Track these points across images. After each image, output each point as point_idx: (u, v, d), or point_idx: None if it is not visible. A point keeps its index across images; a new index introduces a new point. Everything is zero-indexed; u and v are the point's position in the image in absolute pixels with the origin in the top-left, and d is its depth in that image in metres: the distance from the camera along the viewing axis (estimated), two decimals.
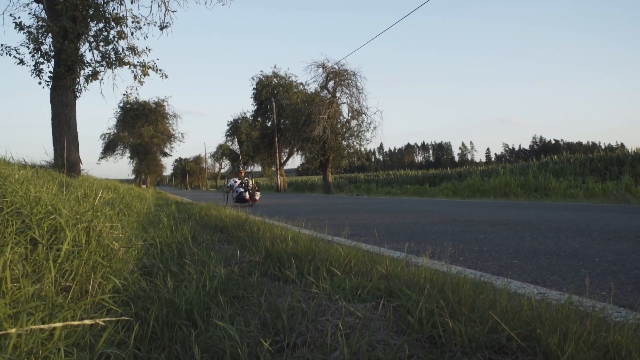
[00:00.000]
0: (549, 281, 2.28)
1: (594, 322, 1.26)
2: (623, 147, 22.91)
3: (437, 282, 1.83)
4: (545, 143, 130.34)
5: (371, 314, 1.64)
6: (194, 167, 78.30)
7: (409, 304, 1.66)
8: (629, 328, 1.18)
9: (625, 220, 5.03)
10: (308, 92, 28.77)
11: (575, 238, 3.79)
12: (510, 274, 2.46)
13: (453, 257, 3.04)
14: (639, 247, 3.27)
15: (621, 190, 11.59)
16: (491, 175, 18.56)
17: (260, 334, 1.52)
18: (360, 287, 1.92)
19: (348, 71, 26.32)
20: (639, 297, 1.92)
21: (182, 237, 3.47)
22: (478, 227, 4.85)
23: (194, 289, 2.00)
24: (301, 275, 2.25)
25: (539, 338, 1.25)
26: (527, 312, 1.38)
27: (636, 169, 17.23)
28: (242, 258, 2.84)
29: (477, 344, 1.32)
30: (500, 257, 3.06)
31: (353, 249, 2.69)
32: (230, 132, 43.26)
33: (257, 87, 37.48)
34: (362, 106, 26.56)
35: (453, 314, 1.47)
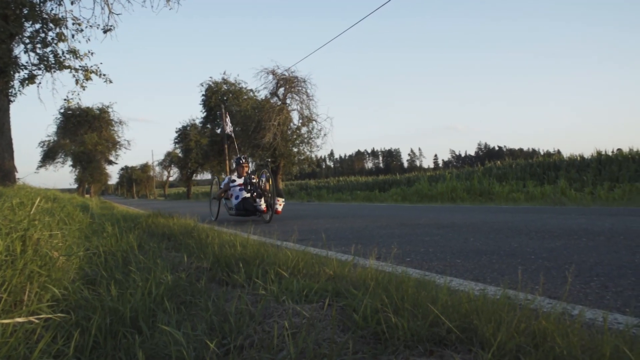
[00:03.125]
0: (489, 278, 2.38)
1: (525, 312, 1.33)
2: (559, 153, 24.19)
3: (382, 281, 1.88)
4: (490, 149, 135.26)
5: (318, 313, 1.66)
6: (141, 175, 76.11)
7: (355, 303, 1.69)
8: (555, 316, 1.26)
9: (560, 221, 5.30)
10: (258, 98, 28.68)
11: (515, 238, 3.96)
12: (453, 273, 2.55)
13: (400, 258, 3.12)
14: (570, 244, 3.46)
15: (557, 193, 12.20)
16: (438, 181, 19.10)
17: (207, 338, 1.51)
18: (307, 288, 1.94)
19: (298, 78, 26.46)
20: (563, 287, 2.04)
21: (127, 246, 3.38)
22: (424, 230, 4.98)
23: (139, 296, 1.96)
24: (249, 279, 2.25)
25: (475, 329, 1.31)
26: (466, 306, 1.44)
27: (570, 174, 18.21)
28: (189, 264, 2.80)
29: (419, 337, 1.36)
30: (445, 257, 3.16)
31: (302, 252, 2.72)
32: (178, 139, 42.42)
33: (206, 94, 37.02)
34: (312, 113, 26.71)
35: (397, 310, 1.52)
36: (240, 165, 8.19)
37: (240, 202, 7.73)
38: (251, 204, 7.41)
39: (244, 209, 7.62)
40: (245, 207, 7.58)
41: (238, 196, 7.85)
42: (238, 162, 8.23)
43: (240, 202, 7.74)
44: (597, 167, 18.43)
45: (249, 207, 7.50)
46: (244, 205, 7.61)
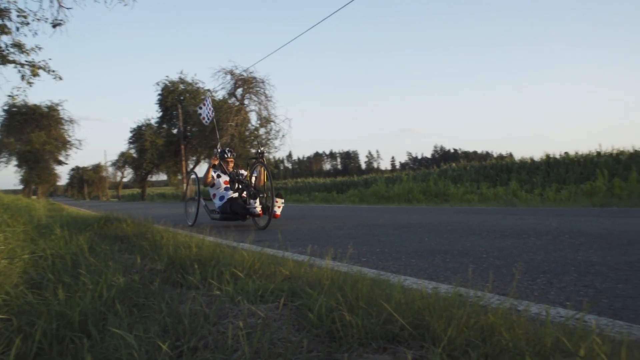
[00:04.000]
0: (442, 276, 2.44)
1: (475, 309, 1.37)
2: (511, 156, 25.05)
3: (338, 280, 1.89)
4: (445, 152, 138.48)
5: (273, 313, 1.66)
6: (94, 176, 73.62)
7: (311, 303, 1.69)
8: (502, 311, 1.31)
9: (511, 221, 5.49)
10: (216, 99, 28.32)
11: (468, 238, 4.07)
12: (408, 272, 2.59)
13: (356, 258, 3.15)
14: (519, 243, 3.59)
15: (509, 194, 12.63)
16: (395, 182, 19.40)
17: (160, 340, 1.48)
18: (263, 288, 1.93)
19: (257, 78, 26.32)
20: (516, 286, 2.12)
21: (77, 248, 3.27)
22: (381, 230, 5.05)
23: (88, 299, 1.90)
24: (205, 281, 2.22)
25: (428, 325, 1.34)
26: (419, 303, 1.47)
27: (521, 176, 18.88)
28: (143, 266, 2.74)
29: (373, 335, 1.38)
30: (400, 257, 3.22)
31: (258, 253, 2.70)
32: (133, 139, 41.33)
33: (162, 93, 36.24)
34: (270, 114, 26.62)
35: (351, 308, 1.53)
36: (224, 159, 7.06)
37: (225, 204, 6.65)
38: (242, 205, 6.34)
39: (232, 211, 6.47)
40: (234, 210, 6.43)
41: (223, 196, 6.76)
42: (222, 156, 7.06)
43: (225, 203, 6.66)
44: (546, 169, 19.21)
45: (239, 210, 6.36)
46: (231, 208, 6.48)
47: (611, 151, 18.10)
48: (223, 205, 6.69)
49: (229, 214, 6.57)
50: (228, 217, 6.63)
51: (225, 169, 6.99)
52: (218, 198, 6.84)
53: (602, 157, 17.84)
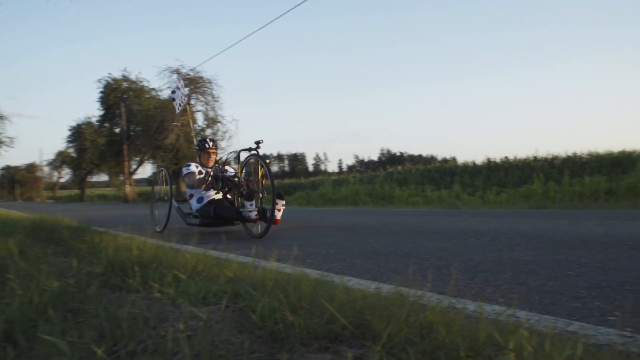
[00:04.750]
0: (385, 277, 2.49)
1: (415, 307, 1.41)
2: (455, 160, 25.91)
3: (282, 281, 1.89)
4: (392, 155, 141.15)
5: (216, 315, 1.64)
6: (27, 176, 69.92)
7: (254, 304, 1.68)
8: (440, 309, 1.35)
9: (452, 223, 5.67)
10: (161, 98, 27.63)
11: (411, 239, 4.17)
12: (352, 273, 2.63)
13: (301, 260, 3.16)
14: (460, 244, 3.71)
15: (452, 197, 13.04)
16: (342, 185, 19.59)
17: (95, 345, 1.42)
18: (206, 290, 1.90)
19: (204, 78, 25.91)
20: (455, 285, 2.19)
21: (5, 252, 3.10)
22: (327, 232, 5.08)
23: (17, 305, 1.80)
24: (145, 284, 2.16)
25: (369, 324, 1.36)
26: (361, 303, 1.49)
27: (464, 179, 19.54)
28: (80, 270, 2.62)
29: (315, 335, 1.39)
30: (345, 258, 3.25)
31: (202, 255, 2.66)
32: (72, 138, 39.62)
33: (104, 91, 34.96)
34: (217, 114, 26.26)
35: (294, 309, 1.53)
36: (205, 151, 5.84)
37: (206, 207, 5.49)
38: (229, 209, 5.22)
39: (217, 216, 5.31)
40: (219, 214, 5.28)
41: (202, 197, 5.64)
42: (202, 146, 5.88)
43: (206, 206, 5.51)
44: (487, 173, 19.99)
45: (226, 214, 5.23)
46: (215, 211, 5.30)
47: (546, 156, 19.09)
48: (203, 208, 5.55)
49: (211, 219, 5.44)
50: (211, 223, 5.52)
51: (204, 162, 5.88)
52: (196, 199, 5.67)
53: (539, 162, 18.78)
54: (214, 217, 5.38)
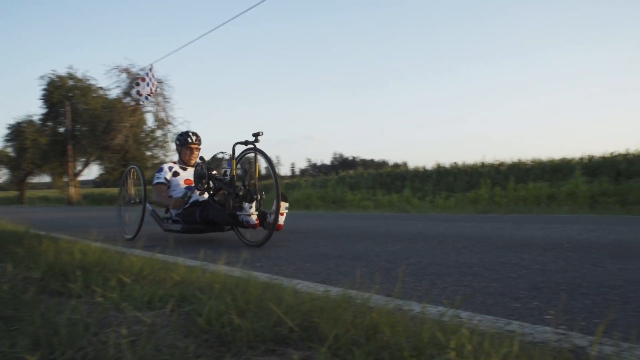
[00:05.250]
0: (334, 280, 2.50)
1: (361, 309, 1.43)
2: (406, 165, 26.45)
3: (230, 285, 1.87)
4: (344, 159, 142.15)
5: (161, 320, 1.60)
6: None
7: (201, 307, 1.66)
8: (387, 310, 1.37)
9: (402, 226, 5.78)
10: (109, 97, 26.78)
11: (361, 242, 4.22)
12: (302, 276, 2.63)
13: (251, 263, 3.13)
14: (409, 247, 3.79)
15: (403, 201, 13.31)
16: (295, 188, 19.60)
17: (29, 353, 1.36)
18: (151, 294, 1.85)
19: None
20: (402, 287, 2.23)
21: None
22: (277, 235, 5.06)
23: None
24: (88, 288, 2.08)
25: (316, 326, 1.37)
26: (308, 305, 1.50)
27: (414, 184, 19.97)
28: (15, 275, 2.50)
29: (263, 338, 1.38)
30: (295, 261, 3.25)
31: (148, 258, 2.60)
32: (10, 136, 37.73)
33: (48, 88, 33.51)
34: (168, 116, 25.71)
35: (241, 312, 1.52)
36: (187, 146, 5.13)
37: (188, 209, 4.78)
38: (222, 212, 4.40)
39: (204, 220, 4.55)
40: (208, 217, 4.50)
41: (180, 193, 4.92)
42: (184, 140, 5.14)
43: (188, 208, 4.79)
44: (437, 178, 20.53)
45: (217, 217, 4.45)
46: (203, 215, 4.54)
47: (493, 162, 19.80)
48: (186, 211, 4.82)
49: (197, 225, 4.64)
50: (196, 229, 4.68)
51: (186, 159, 5.18)
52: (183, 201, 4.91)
53: (486, 168, 19.45)
54: (200, 222, 4.59)
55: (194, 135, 5.18)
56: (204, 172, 4.65)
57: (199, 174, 4.68)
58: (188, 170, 5.20)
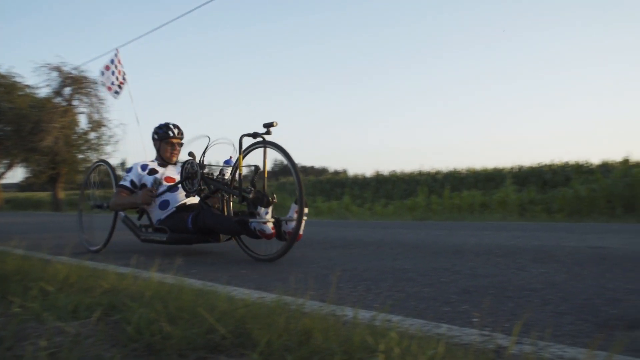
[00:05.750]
0: (271, 286, 2.49)
1: (295, 314, 1.43)
2: (346, 172, 26.78)
3: (161, 292, 1.82)
4: (284, 166, 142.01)
5: (87, 330, 1.53)
6: None
7: (130, 315, 1.60)
8: (320, 316, 1.38)
9: (340, 233, 5.85)
10: (37, 96, 25.35)
11: (298, 249, 4.22)
12: (238, 283, 2.60)
13: (185, 270, 3.05)
14: (346, 253, 3.84)
15: (342, 208, 13.46)
16: None
17: None
18: (77, 303, 1.77)
19: (89, 78, 24.19)
20: (338, 293, 2.26)
21: None
22: None
23: None
24: (4, 299, 1.95)
25: (249, 333, 1.35)
26: (242, 311, 1.48)
27: (354, 191, 20.27)
28: None
29: (194, 345, 1.35)
30: (231, 268, 3.22)
31: (75, 266, 2.48)
32: None
33: None
34: (103, 118, 24.71)
35: (173, 319, 1.48)
36: (167, 140, 4.36)
37: (174, 215, 4.05)
38: (226, 219, 3.69)
39: (198, 228, 3.75)
40: (205, 225, 3.69)
41: (166, 201, 4.14)
42: (164, 134, 4.36)
43: (174, 214, 4.06)
44: (376, 185, 20.93)
45: (219, 225, 3.70)
46: (197, 221, 3.72)
47: (430, 171, 20.45)
48: (172, 217, 4.05)
49: (189, 234, 3.84)
50: (187, 239, 3.88)
51: (166, 156, 4.41)
52: (157, 205, 4.15)
53: (423, 176, 20.04)
54: (193, 231, 3.79)
55: (176, 128, 4.38)
56: (195, 171, 3.87)
57: (189, 173, 3.91)
58: (169, 168, 4.38)
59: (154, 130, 4.42)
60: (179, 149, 4.44)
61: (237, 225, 3.52)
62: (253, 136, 3.68)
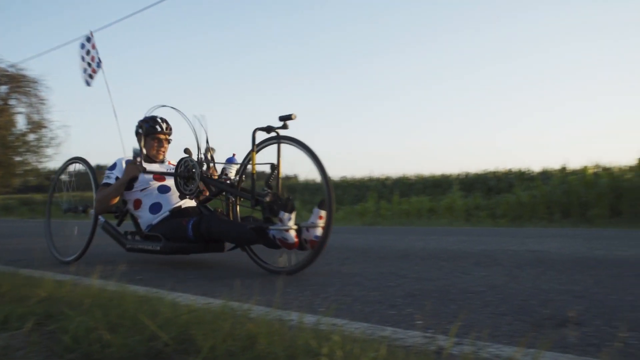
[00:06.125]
0: (218, 292, 2.46)
1: (240, 320, 1.42)
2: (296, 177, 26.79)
3: (102, 299, 1.76)
4: None
5: (18, 341, 1.46)
6: None
7: (68, 325, 1.54)
8: (265, 320, 1.38)
9: None
10: None
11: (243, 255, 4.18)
12: (184, 289, 2.54)
13: (130, 276, 2.97)
14: None
15: None
16: None
17: None
18: (8, 313, 1.68)
19: (28, 77, 23.13)
20: (286, 298, 2.25)
21: None
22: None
23: None
24: None
25: (193, 339, 1.33)
26: (186, 318, 1.45)
27: (304, 196, 20.30)
28: None
29: (135, 353, 1.32)
30: (177, 274, 3.15)
31: (9, 274, 2.37)
32: None
33: None
34: (43, 118, 23.66)
35: (113, 327, 1.44)
36: (153, 135, 3.88)
37: (168, 221, 3.56)
38: (238, 227, 3.25)
39: (200, 236, 3.30)
40: (211, 231, 3.24)
41: (157, 205, 3.66)
42: (150, 128, 3.86)
43: (168, 219, 3.58)
44: None
45: (228, 233, 3.24)
46: (199, 228, 3.27)
47: (380, 177, 20.78)
48: (166, 223, 3.55)
49: (188, 243, 3.37)
50: (185, 248, 3.40)
51: (152, 153, 3.92)
52: (147, 208, 3.66)
53: (373, 182, 20.33)
54: (194, 239, 3.32)
55: (164, 122, 3.90)
56: (193, 171, 3.39)
57: (186, 173, 3.43)
58: (156, 165, 3.90)
59: (139, 123, 3.88)
60: (166, 146, 3.98)
61: (252, 234, 3.01)
62: (267, 130, 3.21)
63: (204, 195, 3.62)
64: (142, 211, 3.68)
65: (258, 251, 3.27)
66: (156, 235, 3.48)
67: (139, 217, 3.72)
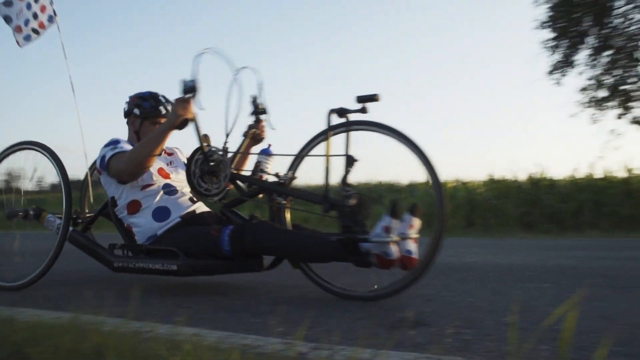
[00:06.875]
0: (67, 305, 2.26)
1: (89, 333, 1.33)
2: None
3: None
4: None
5: None
6: None
7: None
8: (116, 332, 1.31)
9: None
10: None
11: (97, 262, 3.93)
12: (28, 304, 2.33)
13: None
14: None
15: None
16: None
17: None
18: None
19: None
20: (148, 309, 2.15)
21: None
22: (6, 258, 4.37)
23: None
24: None
25: (29, 356, 1.22)
26: (22, 335, 1.33)
27: None
28: None
29: None
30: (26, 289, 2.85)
31: None
32: None
33: None
34: None
35: None
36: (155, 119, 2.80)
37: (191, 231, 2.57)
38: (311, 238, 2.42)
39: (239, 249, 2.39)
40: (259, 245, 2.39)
41: (164, 209, 2.67)
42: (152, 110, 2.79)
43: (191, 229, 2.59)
44: None
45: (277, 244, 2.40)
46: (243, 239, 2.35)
47: None
48: (179, 233, 2.59)
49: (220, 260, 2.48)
50: (214, 266, 2.52)
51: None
52: (151, 212, 2.66)
53: None
54: (231, 254, 2.41)
55: (168, 102, 2.84)
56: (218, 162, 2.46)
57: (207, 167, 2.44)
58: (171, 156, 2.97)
59: (134, 102, 2.83)
60: None
61: (339, 248, 2.26)
62: (340, 113, 2.38)
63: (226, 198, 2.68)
64: (141, 217, 2.67)
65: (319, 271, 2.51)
66: (168, 250, 2.52)
67: (135, 224, 2.69)
